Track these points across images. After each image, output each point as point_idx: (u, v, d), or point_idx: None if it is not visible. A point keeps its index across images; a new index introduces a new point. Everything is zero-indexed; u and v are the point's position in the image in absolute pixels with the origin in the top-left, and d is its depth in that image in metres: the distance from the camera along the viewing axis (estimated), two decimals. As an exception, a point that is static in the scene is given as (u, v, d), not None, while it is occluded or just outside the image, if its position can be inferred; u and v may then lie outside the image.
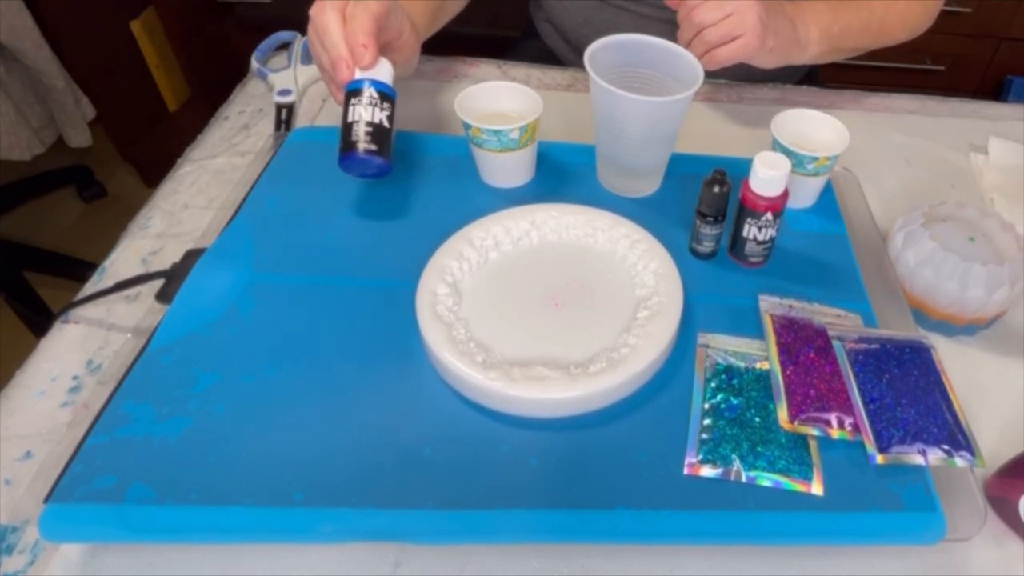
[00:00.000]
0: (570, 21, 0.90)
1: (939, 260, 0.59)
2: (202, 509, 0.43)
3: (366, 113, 0.58)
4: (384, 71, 0.60)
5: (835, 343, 0.54)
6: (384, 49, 0.62)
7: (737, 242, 0.61)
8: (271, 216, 0.61)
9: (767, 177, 0.57)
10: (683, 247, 0.63)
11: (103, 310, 0.58)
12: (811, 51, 0.77)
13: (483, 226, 0.59)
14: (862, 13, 0.80)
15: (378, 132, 0.59)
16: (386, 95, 0.60)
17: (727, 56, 0.68)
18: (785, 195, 0.58)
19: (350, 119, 0.58)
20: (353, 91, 0.59)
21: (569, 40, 0.93)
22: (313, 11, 0.59)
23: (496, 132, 0.61)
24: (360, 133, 0.58)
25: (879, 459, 0.48)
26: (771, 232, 0.60)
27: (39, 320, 1.43)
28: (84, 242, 1.68)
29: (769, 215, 0.58)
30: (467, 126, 0.62)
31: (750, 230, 0.59)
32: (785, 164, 0.57)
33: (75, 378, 0.53)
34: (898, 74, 1.76)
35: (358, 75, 0.59)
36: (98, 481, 0.43)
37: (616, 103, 0.59)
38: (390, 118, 0.60)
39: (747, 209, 0.59)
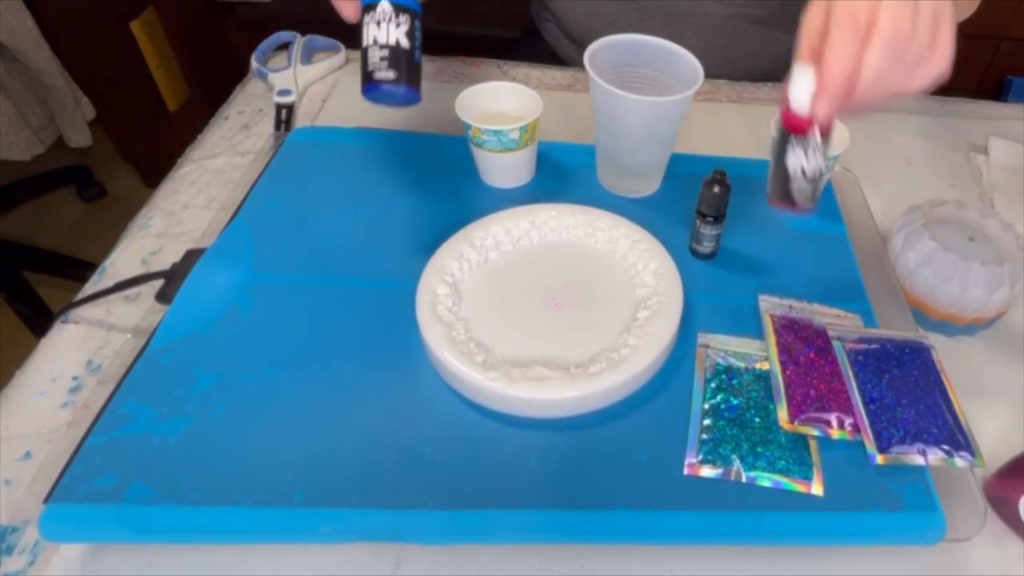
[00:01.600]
0: (575, 15, 0.90)
1: (939, 260, 0.59)
2: (202, 509, 0.43)
3: (381, 34, 0.52)
4: None
5: (835, 343, 0.54)
6: None
7: (779, 183, 0.51)
8: (271, 216, 0.61)
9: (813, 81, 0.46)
10: (683, 247, 0.63)
11: (103, 310, 0.58)
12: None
13: (483, 226, 0.59)
14: None
15: (395, 54, 0.52)
16: (402, 7, 0.53)
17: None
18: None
19: (364, 43, 0.52)
20: (367, 6, 0.53)
21: (574, 37, 0.93)
22: None
23: (496, 132, 0.61)
24: (376, 59, 0.52)
25: (879, 459, 0.48)
26: (819, 162, 0.50)
27: (39, 320, 1.43)
28: (84, 242, 1.68)
29: (817, 137, 0.48)
30: (467, 126, 0.62)
31: (796, 160, 0.49)
32: None
33: (75, 378, 0.53)
34: (898, 74, 1.76)
35: None
36: (98, 481, 0.43)
37: (616, 103, 0.59)
38: (409, 34, 0.53)
39: (790, 135, 0.49)
